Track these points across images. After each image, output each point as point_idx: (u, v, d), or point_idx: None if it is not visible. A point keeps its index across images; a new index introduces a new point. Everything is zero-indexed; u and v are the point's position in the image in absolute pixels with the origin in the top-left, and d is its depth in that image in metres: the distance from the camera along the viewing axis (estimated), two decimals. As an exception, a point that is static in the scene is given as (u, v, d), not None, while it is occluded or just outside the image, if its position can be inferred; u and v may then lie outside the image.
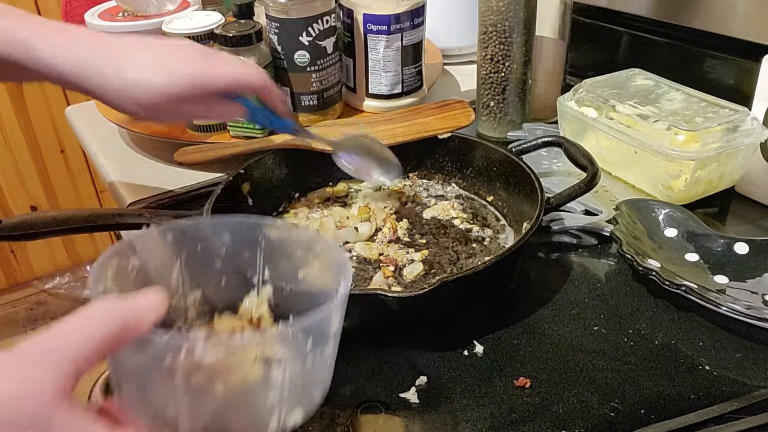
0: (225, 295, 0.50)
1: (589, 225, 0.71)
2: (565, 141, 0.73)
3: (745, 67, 0.85)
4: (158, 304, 0.35)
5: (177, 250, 0.46)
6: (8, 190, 1.92)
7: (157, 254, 0.46)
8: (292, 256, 0.48)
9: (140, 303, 0.34)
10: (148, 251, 0.45)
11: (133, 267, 0.43)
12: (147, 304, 0.34)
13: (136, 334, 0.33)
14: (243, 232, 0.48)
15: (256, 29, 0.83)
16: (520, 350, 0.57)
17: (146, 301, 0.35)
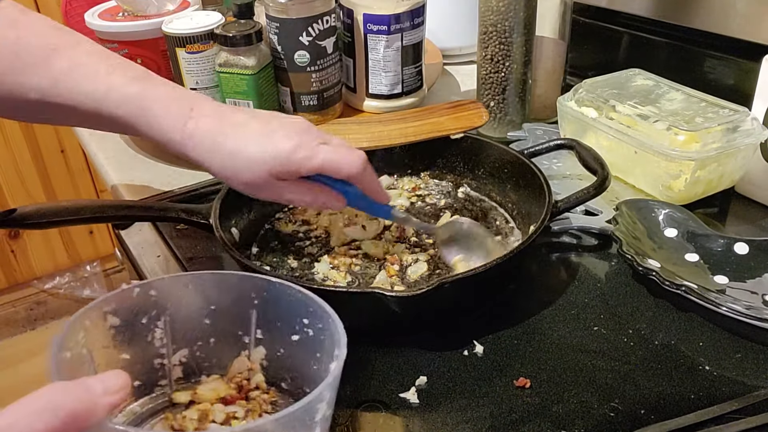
0: (214, 354, 0.48)
1: (589, 225, 0.71)
2: (577, 144, 0.73)
3: (745, 68, 0.85)
4: (118, 389, 0.33)
5: (160, 307, 0.44)
6: (8, 190, 1.92)
7: (138, 313, 0.43)
8: (287, 317, 0.46)
9: (98, 389, 0.32)
10: (127, 309, 0.43)
11: (111, 326, 0.42)
12: (104, 389, 0.32)
13: (88, 424, 0.31)
14: (235, 289, 0.46)
15: (256, 29, 0.83)
16: (520, 350, 0.57)
17: (104, 387, 0.32)
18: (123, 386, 0.33)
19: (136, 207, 0.67)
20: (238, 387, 0.47)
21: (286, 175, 0.59)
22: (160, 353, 0.46)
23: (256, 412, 0.46)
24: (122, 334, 0.43)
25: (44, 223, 0.64)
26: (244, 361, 0.48)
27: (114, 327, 0.42)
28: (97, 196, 2.07)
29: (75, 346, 0.38)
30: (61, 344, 0.37)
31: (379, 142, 0.80)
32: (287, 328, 0.46)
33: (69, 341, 0.38)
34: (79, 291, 2.14)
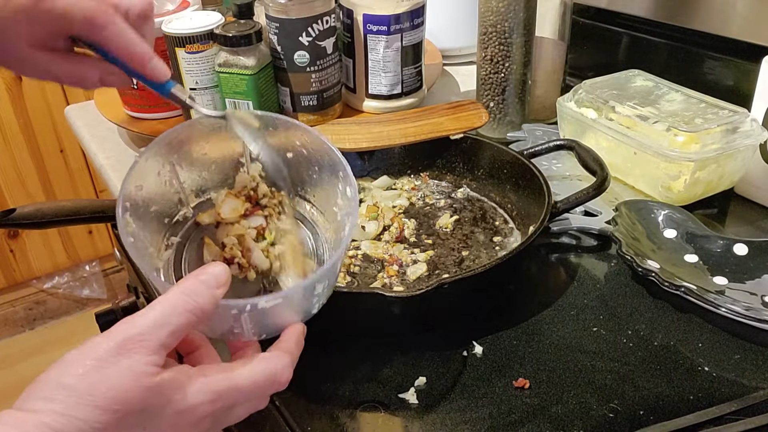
0: (217, 175, 0.55)
1: (588, 226, 0.71)
2: (577, 145, 0.73)
3: (745, 69, 0.85)
4: (224, 279, 0.41)
5: (167, 157, 0.51)
6: (8, 190, 1.92)
7: (152, 171, 0.50)
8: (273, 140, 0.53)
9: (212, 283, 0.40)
10: (145, 174, 0.49)
11: (139, 194, 0.48)
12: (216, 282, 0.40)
13: (210, 313, 0.40)
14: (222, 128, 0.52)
15: (255, 29, 0.83)
16: (519, 351, 0.57)
17: (216, 281, 0.40)
18: (228, 278, 0.41)
19: (136, 206, 0.67)
20: (247, 198, 0.54)
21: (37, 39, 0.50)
22: (176, 190, 0.53)
23: (273, 215, 0.53)
24: (147, 193, 0.49)
25: (43, 222, 0.64)
26: (244, 176, 0.54)
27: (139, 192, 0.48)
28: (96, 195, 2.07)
29: (129, 227, 0.45)
30: (124, 234, 0.44)
31: (378, 142, 0.80)
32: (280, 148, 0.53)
33: (125, 227, 0.45)
34: (78, 291, 2.14)
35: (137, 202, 0.48)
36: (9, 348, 2.04)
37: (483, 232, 0.72)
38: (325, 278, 0.45)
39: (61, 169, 1.98)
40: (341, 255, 0.46)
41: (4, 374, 1.94)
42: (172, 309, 0.39)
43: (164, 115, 0.92)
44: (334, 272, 0.47)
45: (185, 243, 0.54)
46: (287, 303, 0.44)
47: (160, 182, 0.51)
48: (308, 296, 0.45)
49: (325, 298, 0.47)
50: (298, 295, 0.44)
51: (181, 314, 0.38)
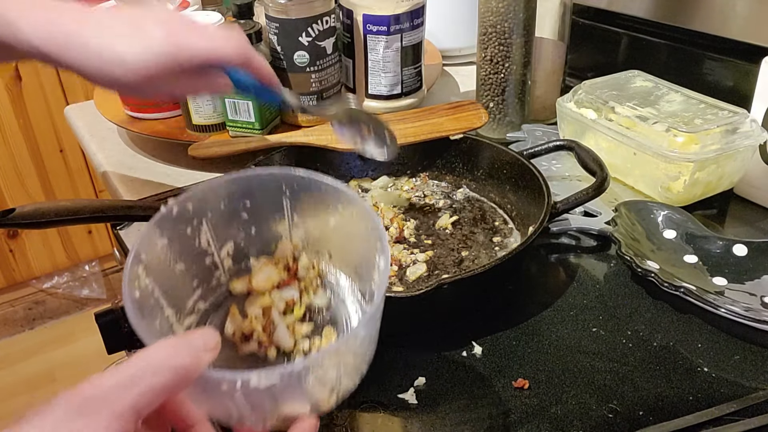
0: (258, 241, 0.51)
1: (588, 226, 0.71)
2: (576, 145, 0.73)
3: (744, 69, 0.85)
4: (214, 345, 0.35)
5: (200, 214, 0.47)
6: (7, 190, 1.92)
7: (182, 226, 0.46)
8: (320, 205, 0.49)
9: (198, 344, 0.35)
10: (172, 227, 0.45)
11: (162, 247, 0.44)
12: (204, 346, 0.35)
13: (192, 380, 0.34)
14: (264, 184, 0.49)
15: (255, 29, 0.83)
16: (519, 351, 0.57)
17: (204, 343, 0.35)
18: (218, 343, 0.36)
19: (135, 207, 0.67)
20: (286, 268, 0.50)
21: (170, 74, 0.56)
22: (209, 252, 0.49)
23: (310, 289, 0.50)
24: (172, 249, 0.45)
25: (43, 222, 0.64)
26: (286, 244, 0.51)
27: (164, 246, 0.45)
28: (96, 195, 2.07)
29: (139, 281, 0.41)
30: (129, 286, 0.40)
31: (378, 142, 0.80)
32: (322, 215, 0.49)
33: (133, 280, 0.40)
34: (78, 291, 2.14)
35: (158, 257, 0.44)
36: (8, 348, 2.04)
37: (482, 233, 0.72)
38: (336, 362, 0.39)
39: (60, 169, 1.98)
40: (358, 335, 0.40)
41: (3, 374, 1.94)
42: (146, 366, 0.33)
43: (164, 115, 0.92)
44: (350, 354, 0.41)
45: (212, 311, 0.50)
46: (288, 386, 0.37)
47: (190, 241, 0.47)
48: (316, 382, 0.39)
49: (345, 390, 0.41)
50: (299, 378, 0.38)
51: (156, 373, 0.33)
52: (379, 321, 0.43)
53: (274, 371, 0.35)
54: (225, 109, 0.86)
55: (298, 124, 0.89)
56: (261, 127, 0.86)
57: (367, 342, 0.42)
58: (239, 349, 0.48)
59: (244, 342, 0.48)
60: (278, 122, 0.91)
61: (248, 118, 0.85)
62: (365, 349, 0.43)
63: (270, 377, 0.35)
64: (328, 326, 0.49)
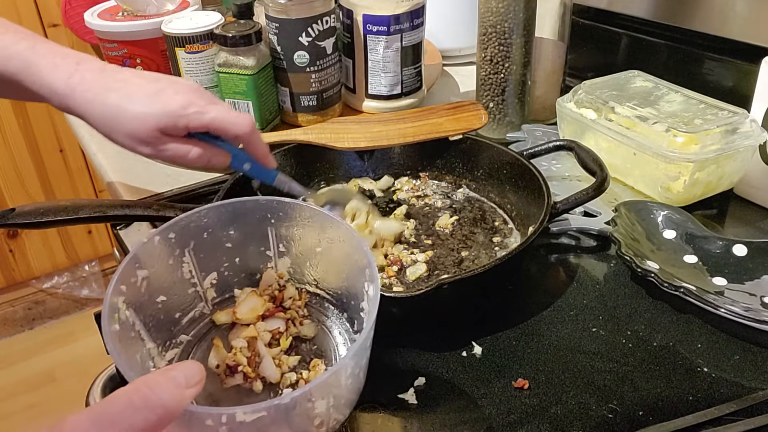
0: (242, 271, 0.51)
1: (588, 226, 0.71)
2: (576, 145, 0.73)
3: (744, 69, 0.85)
4: (197, 380, 0.35)
5: (182, 244, 0.47)
6: (7, 190, 1.92)
7: (163, 257, 0.46)
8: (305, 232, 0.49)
9: (181, 381, 0.34)
10: (153, 257, 0.45)
11: (142, 279, 0.44)
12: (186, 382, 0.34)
13: (176, 416, 0.33)
14: (249, 212, 0.49)
15: (255, 29, 0.83)
16: (519, 351, 0.57)
17: (186, 380, 0.34)
18: (202, 378, 0.35)
19: (135, 207, 0.67)
20: (271, 299, 0.49)
21: (174, 130, 0.61)
22: (192, 283, 0.48)
23: (296, 320, 0.49)
24: (154, 281, 0.45)
25: (43, 222, 0.64)
26: (271, 274, 0.50)
27: (144, 278, 0.44)
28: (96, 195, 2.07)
29: (119, 313, 0.40)
30: (108, 318, 0.39)
31: (377, 141, 0.80)
32: (308, 242, 0.49)
33: (113, 313, 0.40)
34: (78, 291, 2.14)
35: (139, 289, 0.43)
36: (8, 348, 2.04)
37: (482, 233, 0.72)
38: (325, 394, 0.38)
39: (60, 169, 1.98)
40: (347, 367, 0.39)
41: (3, 374, 1.94)
42: (127, 404, 0.32)
43: (164, 115, 0.92)
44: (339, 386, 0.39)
45: (195, 342, 0.49)
46: (276, 420, 0.36)
47: (172, 271, 0.47)
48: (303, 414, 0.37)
49: (334, 422, 0.40)
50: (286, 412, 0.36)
51: (137, 411, 0.31)
52: (369, 350, 0.42)
53: (260, 406, 0.34)
54: (225, 109, 0.86)
55: (298, 123, 0.89)
56: (261, 127, 0.86)
57: (357, 372, 0.41)
58: (224, 382, 0.47)
59: (229, 375, 0.47)
60: (278, 122, 0.91)
61: (248, 118, 0.85)
62: (355, 381, 0.42)
63: (256, 411, 0.34)
64: (315, 358, 0.48)
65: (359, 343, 0.39)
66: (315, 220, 0.48)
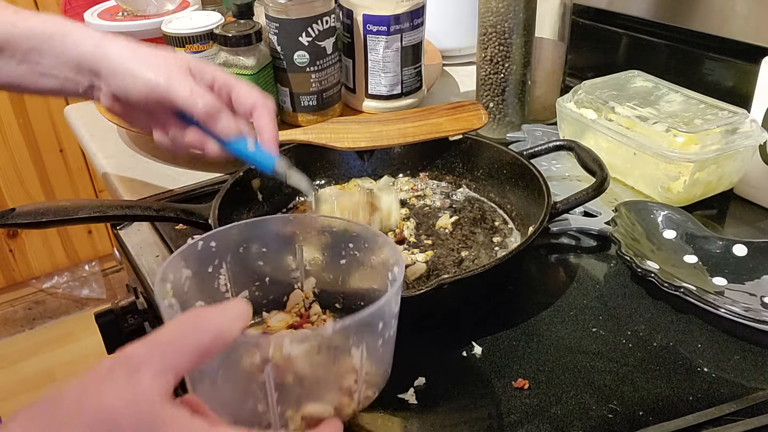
0: (271, 292, 0.52)
1: (588, 226, 0.71)
2: (576, 145, 0.73)
3: (744, 69, 0.85)
4: (246, 314, 0.37)
5: (221, 255, 0.49)
6: (7, 190, 1.92)
7: (204, 263, 0.48)
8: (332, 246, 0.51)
9: (230, 313, 0.36)
10: (195, 261, 0.47)
11: (186, 277, 0.46)
12: (236, 314, 0.36)
13: (227, 342, 0.35)
14: (281, 230, 0.50)
15: (255, 29, 0.83)
16: (519, 352, 0.57)
17: (235, 312, 0.36)
18: (248, 313, 0.37)
19: (135, 207, 0.67)
20: (299, 315, 0.51)
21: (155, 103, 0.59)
22: (226, 297, 0.50)
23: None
24: (194, 283, 0.47)
25: (43, 222, 0.64)
26: (298, 293, 0.52)
27: (188, 278, 0.46)
28: (96, 195, 2.07)
29: (166, 296, 0.43)
30: (160, 294, 0.42)
31: (377, 141, 0.80)
32: (334, 255, 0.50)
33: (162, 291, 0.42)
34: (78, 291, 2.14)
35: (182, 286, 0.45)
36: (8, 348, 2.04)
37: (482, 233, 0.72)
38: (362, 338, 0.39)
39: (60, 169, 1.98)
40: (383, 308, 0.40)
41: (3, 374, 1.94)
42: (183, 327, 0.34)
43: (164, 115, 0.92)
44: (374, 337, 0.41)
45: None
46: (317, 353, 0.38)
47: (210, 281, 0.49)
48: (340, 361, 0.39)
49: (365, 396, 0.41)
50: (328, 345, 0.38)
51: (190, 332, 0.34)
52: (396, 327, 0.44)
53: (306, 333, 0.38)
54: (225, 109, 0.86)
55: (298, 123, 0.89)
56: (261, 127, 0.86)
57: (388, 335, 0.43)
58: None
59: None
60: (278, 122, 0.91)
61: (248, 118, 0.85)
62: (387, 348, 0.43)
63: (303, 338, 0.37)
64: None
65: (393, 291, 0.41)
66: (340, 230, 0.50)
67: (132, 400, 0.32)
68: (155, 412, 0.32)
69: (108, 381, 0.32)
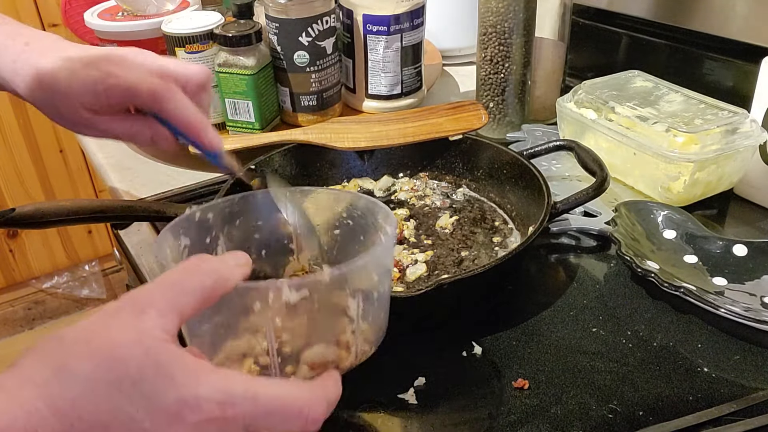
0: (267, 264, 0.53)
1: (588, 226, 0.71)
2: (576, 145, 0.73)
3: (744, 69, 0.85)
4: (245, 263, 0.38)
5: (218, 227, 0.49)
6: (7, 190, 1.92)
7: (201, 234, 0.48)
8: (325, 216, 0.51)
9: (230, 261, 0.37)
10: (193, 231, 0.47)
11: (184, 246, 0.46)
12: (236, 262, 0.38)
13: (228, 287, 0.36)
14: (275, 204, 0.51)
15: (255, 29, 0.83)
16: (519, 352, 0.57)
17: (235, 260, 0.38)
18: (247, 261, 0.38)
19: (135, 207, 0.67)
20: None
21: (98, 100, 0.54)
22: None
23: None
24: (192, 252, 0.47)
25: (43, 222, 0.64)
26: (294, 264, 0.52)
27: (186, 246, 0.46)
28: (96, 195, 2.07)
29: (164, 260, 0.43)
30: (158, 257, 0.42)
31: (377, 141, 0.80)
32: (328, 226, 0.51)
33: (160, 256, 0.43)
34: (78, 291, 2.14)
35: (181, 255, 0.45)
36: (8, 348, 2.04)
37: (482, 233, 0.72)
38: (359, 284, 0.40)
39: (60, 169, 1.98)
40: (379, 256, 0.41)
41: (3, 374, 1.94)
42: (186, 271, 0.36)
43: (164, 115, 0.92)
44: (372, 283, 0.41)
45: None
46: (315, 301, 0.38)
47: (208, 250, 0.49)
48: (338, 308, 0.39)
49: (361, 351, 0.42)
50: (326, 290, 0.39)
51: (193, 274, 0.35)
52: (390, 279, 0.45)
53: (305, 280, 0.38)
54: (225, 109, 0.86)
55: (298, 123, 0.89)
56: (261, 127, 0.86)
57: (384, 288, 0.43)
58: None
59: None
60: (278, 122, 0.91)
61: (248, 118, 0.85)
62: (381, 302, 0.44)
63: (301, 284, 0.37)
64: None
65: (387, 244, 0.42)
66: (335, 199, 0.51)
67: (137, 338, 0.32)
68: (160, 349, 0.33)
69: (114, 320, 0.33)
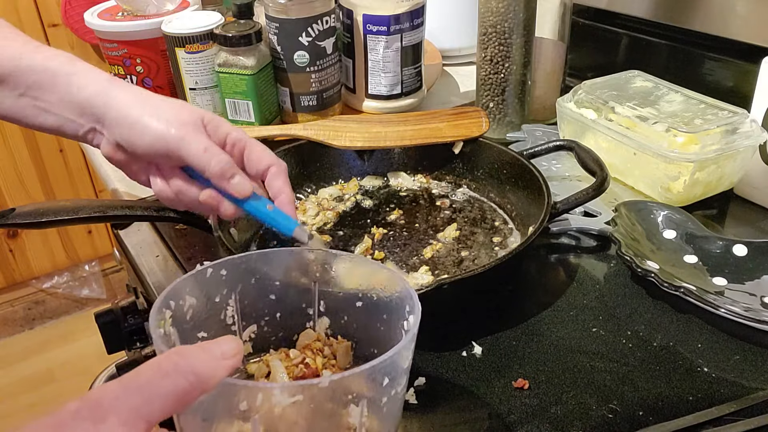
0: (281, 329, 0.49)
1: (588, 226, 0.71)
2: (576, 145, 0.73)
3: (744, 69, 0.85)
4: (235, 353, 0.34)
5: (231, 285, 0.46)
6: (7, 190, 1.92)
7: (211, 292, 0.45)
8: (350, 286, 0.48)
9: (216, 352, 0.33)
10: (202, 289, 0.44)
11: (189, 306, 0.43)
12: (222, 354, 0.33)
13: (208, 388, 0.32)
14: (297, 264, 0.48)
15: (255, 29, 0.83)
16: (519, 351, 0.57)
17: (222, 351, 0.33)
18: (238, 351, 0.34)
19: (135, 207, 0.67)
20: (304, 365, 0.47)
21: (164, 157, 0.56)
22: (232, 330, 0.47)
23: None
24: (198, 313, 0.44)
25: (43, 222, 0.64)
26: (309, 333, 0.49)
27: (192, 306, 0.43)
28: (95, 195, 2.07)
29: (163, 325, 0.40)
30: (155, 323, 0.39)
31: (374, 142, 0.80)
32: (350, 296, 0.47)
33: (158, 320, 0.40)
34: (78, 291, 2.14)
35: (185, 315, 0.43)
36: (8, 348, 2.04)
37: (482, 233, 0.72)
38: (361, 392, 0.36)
39: (60, 169, 1.98)
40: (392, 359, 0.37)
41: (3, 374, 1.94)
42: (156, 369, 0.31)
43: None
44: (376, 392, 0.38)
45: None
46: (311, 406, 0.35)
47: (217, 312, 0.46)
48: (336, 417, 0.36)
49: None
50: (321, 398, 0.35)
51: (166, 376, 0.31)
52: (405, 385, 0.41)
53: (297, 384, 0.34)
54: (225, 109, 0.86)
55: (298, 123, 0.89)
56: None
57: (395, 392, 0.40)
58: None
59: None
60: (278, 122, 0.91)
61: (248, 118, 0.85)
62: (392, 410, 0.40)
63: (292, 388, 0.34)
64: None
65: (404, 343, 0.38)
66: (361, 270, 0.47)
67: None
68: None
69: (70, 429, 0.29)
